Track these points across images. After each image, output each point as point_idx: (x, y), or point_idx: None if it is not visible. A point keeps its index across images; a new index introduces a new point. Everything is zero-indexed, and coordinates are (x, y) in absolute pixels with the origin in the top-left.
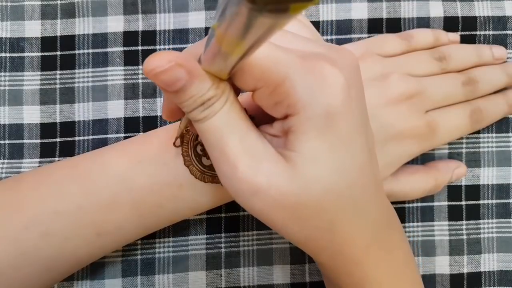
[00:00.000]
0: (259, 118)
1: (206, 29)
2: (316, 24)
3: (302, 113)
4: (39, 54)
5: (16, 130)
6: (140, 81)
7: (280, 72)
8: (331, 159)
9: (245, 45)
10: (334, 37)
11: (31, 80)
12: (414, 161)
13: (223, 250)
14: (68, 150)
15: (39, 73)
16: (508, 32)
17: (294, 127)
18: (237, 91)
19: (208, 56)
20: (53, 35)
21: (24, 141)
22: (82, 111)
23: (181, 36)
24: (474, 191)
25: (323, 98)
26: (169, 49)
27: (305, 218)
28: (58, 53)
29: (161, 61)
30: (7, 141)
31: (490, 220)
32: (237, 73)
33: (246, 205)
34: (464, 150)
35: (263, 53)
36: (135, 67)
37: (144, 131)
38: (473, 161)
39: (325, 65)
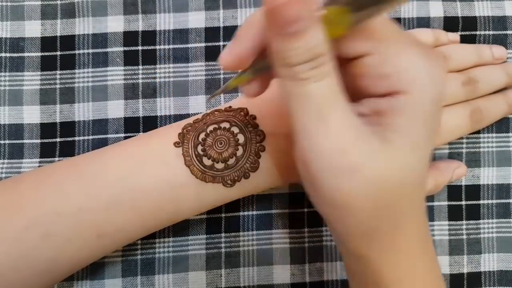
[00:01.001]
0: (265, 120)
1: (206, 29)
2: None
3: (416, 94)
4: (39, 54)
5: (16, 130)
6: (140, 81)
7: (400, 42)
8: (425, 149)
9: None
10: None
11: (31, 80)
12: None
13: (223, 250)
14: (68, 150)
15: (39, 73)
16: (508, 32)
17: (401, 108)
18: None
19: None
20: (53, 35)
21: (24, 141)
22: (82, 111)
23: (181, 36)
24: (474, 191)
25: (435, 86)
26: (169, 49)
27: (384, 206)
28: (58, 53)
29: None
30: (7, 141)
31: (490, 220)
32: (355, 32)
33: (330, 185)
34: (464, 150)
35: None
36: (135, 67)
37: (144, 131)
38: (473, 161)
39: (438, 57)
